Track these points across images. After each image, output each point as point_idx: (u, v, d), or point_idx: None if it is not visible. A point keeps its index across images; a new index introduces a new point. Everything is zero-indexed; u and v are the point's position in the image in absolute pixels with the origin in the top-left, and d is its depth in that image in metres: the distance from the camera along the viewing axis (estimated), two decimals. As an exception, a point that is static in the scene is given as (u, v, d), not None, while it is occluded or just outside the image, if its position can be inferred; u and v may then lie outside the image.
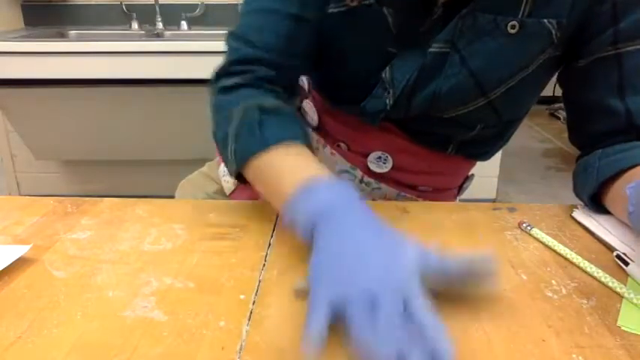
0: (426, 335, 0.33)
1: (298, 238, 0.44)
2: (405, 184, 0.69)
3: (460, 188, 0.77)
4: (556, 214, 0.59)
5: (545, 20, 0.54)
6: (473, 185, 0.79)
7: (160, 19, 2.10)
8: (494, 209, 0.60)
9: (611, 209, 0.55)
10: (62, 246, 0.51)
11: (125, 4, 2.16)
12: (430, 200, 0.71)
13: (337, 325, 0.35)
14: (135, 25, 2.16)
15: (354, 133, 0.67)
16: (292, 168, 0.49)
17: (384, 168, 0.68)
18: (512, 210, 0.60)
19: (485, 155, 0.72)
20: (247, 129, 0.52)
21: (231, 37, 0.60)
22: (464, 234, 0.54)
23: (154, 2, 2.07)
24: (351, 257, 0.38)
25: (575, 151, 0.65)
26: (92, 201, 0.61)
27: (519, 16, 0.54)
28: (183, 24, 2.15)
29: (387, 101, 0.61)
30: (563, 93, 0.63)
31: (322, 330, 0.34)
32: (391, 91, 0.60)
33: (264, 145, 0.51)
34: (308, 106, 0.71)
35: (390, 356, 0.31)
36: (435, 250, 0.39)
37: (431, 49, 0.57)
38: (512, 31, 0.55)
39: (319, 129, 0.70)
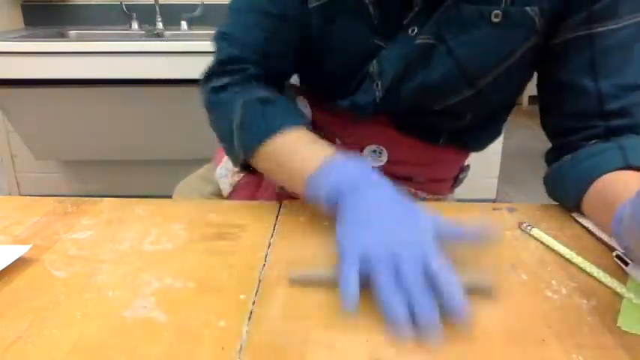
0: (443, 291, 0.38)
1: (323, 210, 0.50)
2: (401, 177, 0.70)
3: (456, 179, 0.78)
4: (556, 214, 0.59)
5: (528, 8, 0.55)
6: (473, 185, 0.79)
7: (160, 19, 2.10)
8: (494, 209, 0.60)
9: (591, 219, 0.55)
10: (62, 246, 0.51)
11: (125, 4, 2.16)
12: (426, 191, 0.71)
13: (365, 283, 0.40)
14: (135, 25, 2.16)
15: (347, 128, 0.68)
16: (306, 149, 0.54)
17: (379, 161, 0.68)
18: (512, 210, 0.60)
19: (478, 146, 0.73)
20: (251, 120, 0.57)
21: (219, 36, 0.63)
22: (464, 234, 0.54)
23: (153, 2, 2.07)
24: (376, 223, 0.44)
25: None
26: (92, 201, 0.61)
27: (502, 5, 0.55)
28: (183, 24, 2.15)
29: (377, 93, 0.62)
30: (538, 76, 0.64)
31: (356, 285, 0.39)
32: (379, 83, 0.61)
33: (272, 131, 0.55)
34: (301, 103, 0.71)
35: (403, 314, 0.37)
36: (444, 218, 0.45)
37: (417, 41, 0.58)
38: (497, 20, 0.56)
39: (314, 126, 0.71)
